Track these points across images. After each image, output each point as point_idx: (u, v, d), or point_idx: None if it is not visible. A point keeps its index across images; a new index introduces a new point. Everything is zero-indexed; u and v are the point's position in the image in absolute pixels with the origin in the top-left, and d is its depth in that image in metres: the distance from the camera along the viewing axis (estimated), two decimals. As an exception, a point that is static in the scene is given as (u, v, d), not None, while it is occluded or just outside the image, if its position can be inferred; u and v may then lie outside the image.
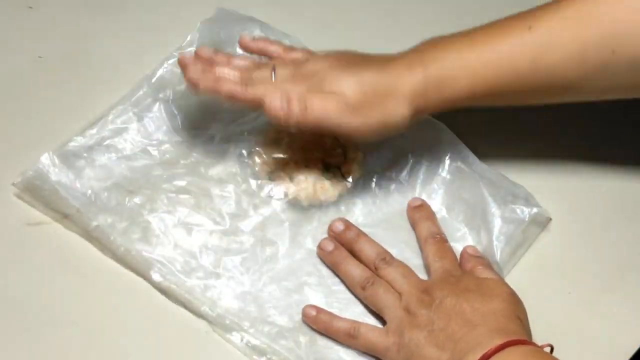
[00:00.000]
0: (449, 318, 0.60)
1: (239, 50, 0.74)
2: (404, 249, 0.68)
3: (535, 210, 0.69)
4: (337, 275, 0.67)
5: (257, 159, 0.71)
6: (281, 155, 0.71)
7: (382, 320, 0.64)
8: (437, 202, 0.71)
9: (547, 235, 0.70)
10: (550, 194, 0.71)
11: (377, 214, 0.70)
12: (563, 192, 0.73)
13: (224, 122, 0.73)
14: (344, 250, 0.67)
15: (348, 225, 0.68)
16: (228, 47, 0.75)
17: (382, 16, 0.85)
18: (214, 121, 0.73)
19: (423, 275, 0.66)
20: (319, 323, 0.64)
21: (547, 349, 0.60)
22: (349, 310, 0.65)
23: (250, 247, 0.67)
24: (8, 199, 0.68)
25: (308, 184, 0.69)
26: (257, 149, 0.71)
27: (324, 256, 0.67)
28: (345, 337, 0.64)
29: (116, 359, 0.61)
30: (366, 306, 0.65)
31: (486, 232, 0.68)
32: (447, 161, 0.72)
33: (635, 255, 0.70)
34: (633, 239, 0.71)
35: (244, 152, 0.71)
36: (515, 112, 0.78)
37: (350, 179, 0.70)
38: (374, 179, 0.71)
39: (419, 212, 0.70)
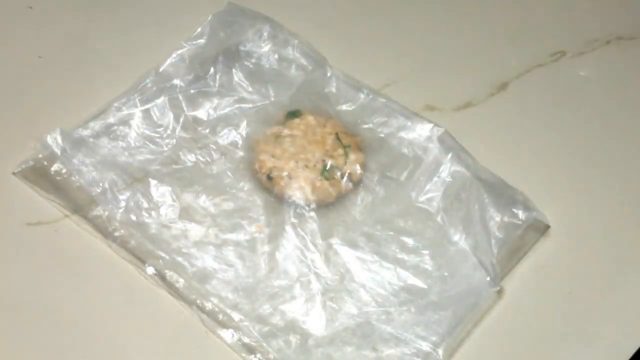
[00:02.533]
0: None
1: (248, 46, 0.75)
2: (402, 250, 0.68)
3: (533, 214, 0.69)
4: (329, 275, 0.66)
5: (257, 157, 0.71)
6: (281, 154, 0.71)
7: None
8: (435, 204, 0.71)
9: (547, 237, 0.70)
10: (549, 198, 0.71)
11: (375, 215, 0.70)
12: (562, 197, 0.73)
13: (226, 118, 0.74)
14: None
15: None
16: (237, 42, 0.76)
17: (387, 14, 0.85)
18: (217, 115, 0.74)
19: (422, 280, 0.65)
20: None
21: None
22: (344, 310, 0.64)
23: (246, 244, 0.67)
24: (8, 199, 0.68)
25: (307, 183, 0.69)
26: (258, 147, 0.71)
27: None
28: None
29: (116, 358, 0.61)
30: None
31: (484, 235, 0.68)
32: (447, 164, 0.71)
33: (635, 257, 0.70)
34: (633, 242, 0.71)
35: (245, 149, 0.72)
36: (515, 115, 0.78)
37: (349, 180, 0.71)
38: (374, 180, 0.71)
39: None
